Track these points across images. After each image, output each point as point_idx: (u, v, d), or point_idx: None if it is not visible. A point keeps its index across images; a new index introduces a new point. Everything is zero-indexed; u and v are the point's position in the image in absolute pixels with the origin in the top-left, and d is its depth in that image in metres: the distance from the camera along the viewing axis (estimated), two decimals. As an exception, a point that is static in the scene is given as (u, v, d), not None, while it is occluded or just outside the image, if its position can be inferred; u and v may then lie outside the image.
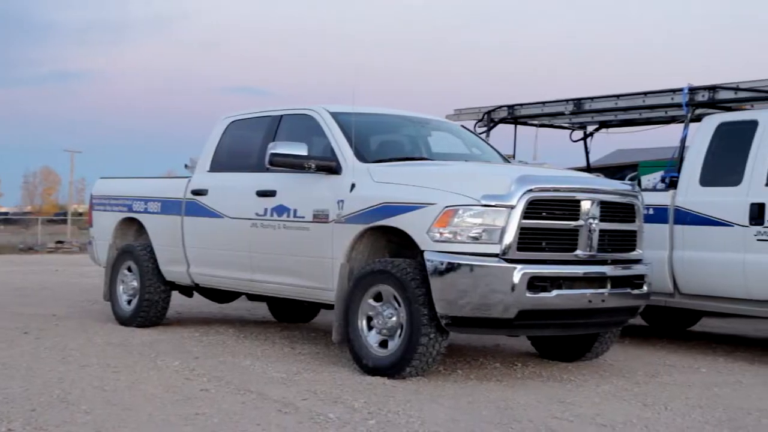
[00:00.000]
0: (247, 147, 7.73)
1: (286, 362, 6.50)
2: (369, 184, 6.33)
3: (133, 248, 8.54)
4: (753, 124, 7.27)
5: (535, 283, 5.65)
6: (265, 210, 7.07)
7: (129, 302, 8.54)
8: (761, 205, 6.94)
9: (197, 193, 7.90)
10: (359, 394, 5.36)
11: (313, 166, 6.60)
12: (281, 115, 7.47)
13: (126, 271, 8.62)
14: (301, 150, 6.61)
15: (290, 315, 9.16)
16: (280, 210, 6.93)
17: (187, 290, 8.55)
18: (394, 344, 5.94)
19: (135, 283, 8.46)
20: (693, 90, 8.00)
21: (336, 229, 6.41)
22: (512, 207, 5.66)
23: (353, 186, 6.40)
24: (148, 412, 4.87)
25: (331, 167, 6.61)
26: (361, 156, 6.62)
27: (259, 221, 7.12)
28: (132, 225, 8.86)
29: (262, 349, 7.12)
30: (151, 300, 8.29)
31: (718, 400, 5.50)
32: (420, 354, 5.77)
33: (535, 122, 10.28)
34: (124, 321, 8.45)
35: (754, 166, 7.11)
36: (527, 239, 5.72)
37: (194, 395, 5.31)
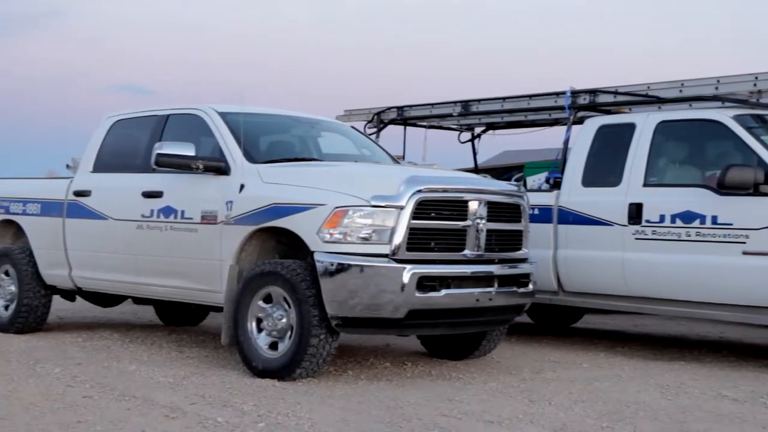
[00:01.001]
0: (132, 147, 7.55)
1: (174, 366, 6.37)
2: (258, 184, 6.27)
3: (11, 251, 8.22)
4: (631, 127, 7.54)
5: (425, 283, 5.71)
6: (152, 211, 6.91)
7: (6, 308, 8.20)
8: (639, 205, 7.20)
9: (80, 194, 7.66)
10: (248, 397, 5.30)
11: (201, 166, 6.50)
12: (168, 115, 7.33)
13: (3, 275, 8.28)
14: (188, 150, 6.50)
15: (178, 318, 8.98)
16: (167, 211, 6.79)
17: (70, 294, 8.28)
18: (284, 346, 5.90)
19: (13, 288, 8.14)
20: (575, 93, 8.25)
21: (225, 230, 6.32)
22: (402, 207, 5.70)
23: (242, 187, 6.33)
24: (25, 421, 4.69)
25: (220, 168, 6.53)
26: (251, 157, 6.55)
27: (144, 223, 6.96)
28: (9, 227, 8.53)
29: (148, 354, 6.96)
30: (31, 305, 7.99)
31: (599, 394, 5.68)
32: (310, 355, 5.75)
33: (424, 123, 10.39)
34: (0, 327, 8.11)
35: (632, 168, 7.38)
36: (416, 239, 5.77)
37: (76, 402, 5.14)
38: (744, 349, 7.92)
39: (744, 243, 6.61)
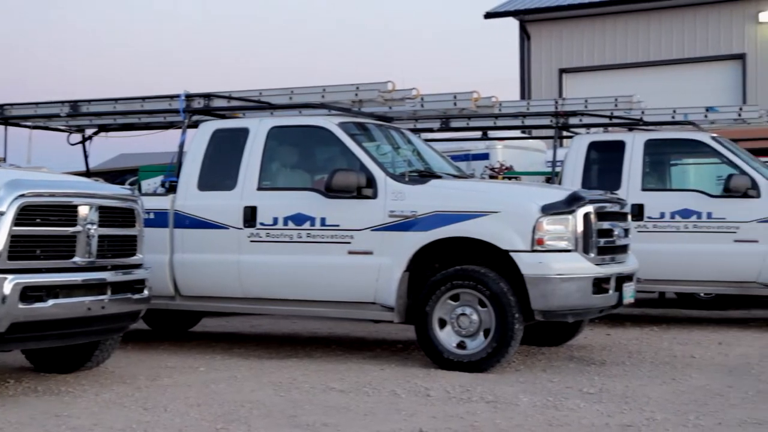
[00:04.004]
0: None
1: None
2: None
3: None
4: (245, 132, 7.70)
5: (29, 294, 5.38)
6: None
7: None
8: (253, 208, 7.38)
9: None
10: None
11: None
12: None
13: None
14: None
15: None
16: None
17: None
18: None
19: None
20: (189, 97, 8.24)
21: None
22: (2, 214, 5.31)
23: None
24: None
25: None
26: None
27: None
28: None
29: None
30: None
31: (215, 396, 5.72)
32: None
33: (29, 123, 9.73)
34: None
35: (246, 171, 7.54)
36: (19, 247, 5.42)
37: None
38: (351, 343, 8.46)
39: (350, 243, 7.06)
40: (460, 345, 6.72)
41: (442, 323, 6.76)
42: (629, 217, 7.64)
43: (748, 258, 8.90)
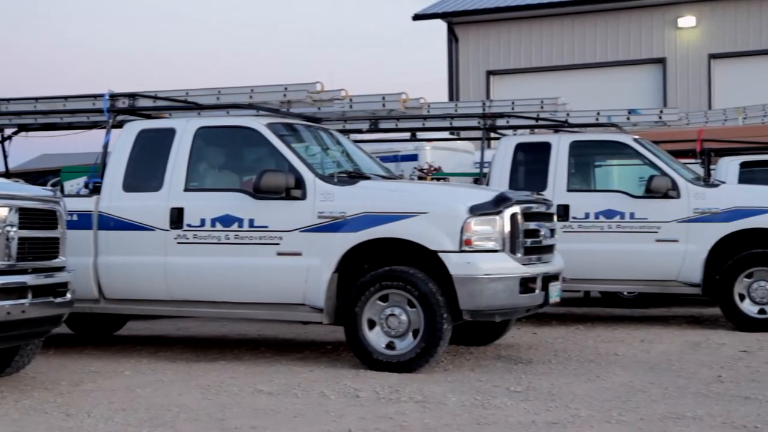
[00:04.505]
0: None
1: None
2: None
3: None
4: (171, 132, 7.59)
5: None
6: None
7: None
8: (180, 210, 7.28)
9: None
10: None
11: None
12: None
13: None
14: None
15: None
16: None
17: None
18: None
19: None
20: (114, 96, 8.10)
21: None
22: None
23: None
24: None
25: None
26: None
27: None
28: None
29: None
30: None
31: (141, 400, 5.63)
32: None
33: (-54, 122, 9.43)
34: None
35: (173, 172, 7.43)
36: (-66, 250, 5.22)
37: None
38: (279, 344, 8.41)
39: (278, 244, 7.02)
40: (389, 345, 6.73)
41: (372, 324, 6.77)
42: (555, 217, 7.76)
43: (669, 257, 9.13)
